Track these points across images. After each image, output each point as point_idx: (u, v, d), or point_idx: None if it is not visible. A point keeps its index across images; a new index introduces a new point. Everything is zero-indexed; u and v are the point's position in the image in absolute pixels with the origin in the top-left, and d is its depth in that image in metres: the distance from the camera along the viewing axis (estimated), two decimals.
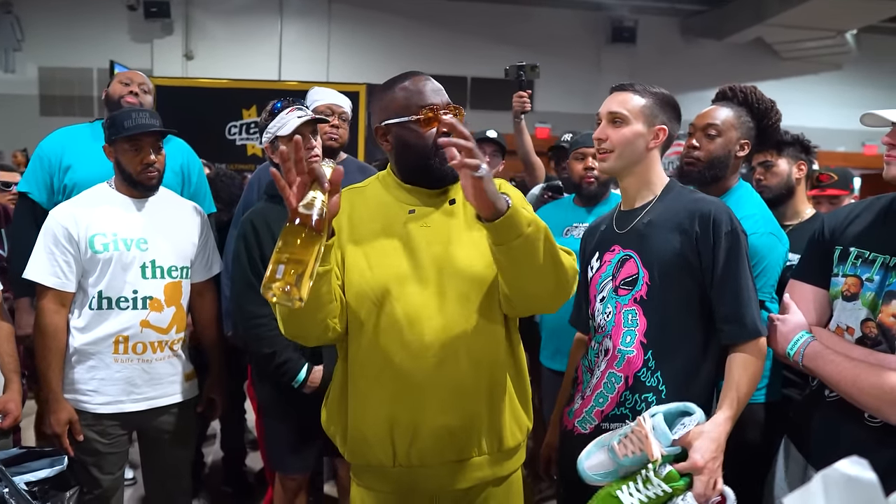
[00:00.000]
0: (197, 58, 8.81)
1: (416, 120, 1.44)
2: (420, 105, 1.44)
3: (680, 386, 1.53)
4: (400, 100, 1.46)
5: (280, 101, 2.13)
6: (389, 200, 1.53)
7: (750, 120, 1.94)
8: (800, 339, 1.48)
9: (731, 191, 1.94)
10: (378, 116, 1.51)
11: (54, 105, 8.44)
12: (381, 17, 8.96)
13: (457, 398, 1.44)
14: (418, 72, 1.51)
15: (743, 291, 1.50)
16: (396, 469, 1.49)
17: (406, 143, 1.47)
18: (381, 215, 1.51)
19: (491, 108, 9.11)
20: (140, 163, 2.03)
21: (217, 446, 3.58)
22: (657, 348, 1.55)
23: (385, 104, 1.49)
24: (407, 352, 1.42)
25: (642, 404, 1.55)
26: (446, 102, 1.47)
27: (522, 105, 2.99)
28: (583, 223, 2.64)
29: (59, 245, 1.98)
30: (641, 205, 1.64)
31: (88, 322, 2.00)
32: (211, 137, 5.57)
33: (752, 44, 9.48)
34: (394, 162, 1.54)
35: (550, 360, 2.68)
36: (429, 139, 1.45)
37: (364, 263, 1.46)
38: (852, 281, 1.43)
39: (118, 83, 2.59)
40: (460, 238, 1.48)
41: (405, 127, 1.45)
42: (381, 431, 1.46)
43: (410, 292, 1.43)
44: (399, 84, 1.48)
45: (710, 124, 1.91)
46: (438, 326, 1.42)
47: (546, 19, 9.12)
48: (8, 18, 8.48)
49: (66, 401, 2.01)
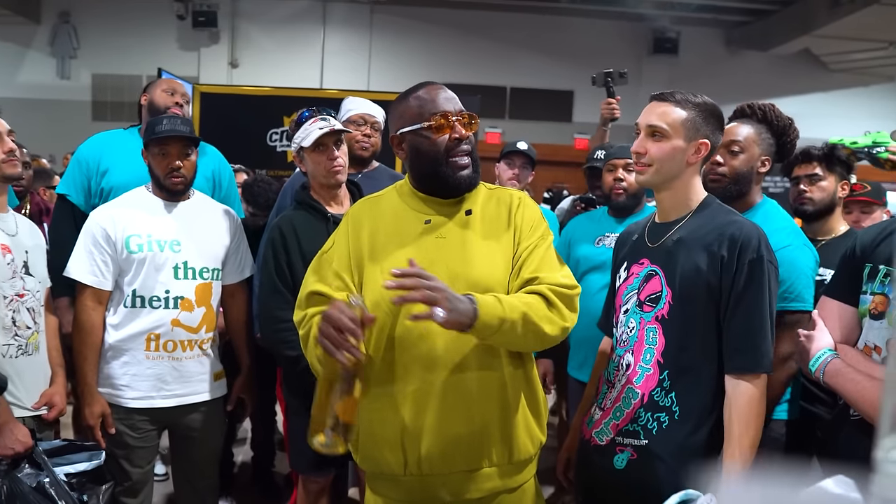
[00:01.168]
0: (241, 66, 9.02)
1: (427, 126, 1.47)
2: (432, 112, 1.47)
3: (694, 410, 1.51)
4: (413, 108, 1.50)
5: (307, 111, 2.16)
6: (405, 210, 1.55)
7: (770, 136, 1.93)
8: (822, 356, 1.46)
9: (757, 206, 1.93)
10: (394, 125, 1.54)
11: (105, 111, 8.75)
12: (421, 27, 9.04)
13: (466, 409, 1.46)
14: (432, 82, 1.54)
15: (753, 322, 1.46)
16: (407, 477, 1.50)
17: (419, 150, 1.50)
18: (396, 225, 1.53)
19: (529, 118, 9.10)
20: (167, 167, 2.10)
21: (247, 447, 3.65)
22: (673, 369, 1.53)
23: (400, 113, 1.53)
24: (418, 362, 1.44)
25: (654, 423, 1.53)
26: (458, 110, 1.49)
27: (611, 113, 2.93)
28: (614, 233, 2.62)
29: (97, 245, 2.06)
30: (675, 219, 1.61)
31: (122, 319, 2.08)
32: (253, 144, 5.68)
33: (798, 55, 9.26)
34: (409, 170, 1.57)
35: (578, 370, 2.66)
36: (440, 146, 1.48)
37: (379, 274, 1.47)
38: (880, 299, 1.41)
39: (162, 92, 2.61)
40: (475, 250, 1.49)
41: (418, 134, 1.49)
42: (391, 439, 1.47)
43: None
44: (413, 93, 1.52)
45: (733, 141, 1.89)
46: (450, 338, 1.43)
47: (586, 30, 9.07)
48: (66, 28, 8.83)
49: (101, 394, 2.08)
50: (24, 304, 1.94)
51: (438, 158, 1.48)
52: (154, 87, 2.64)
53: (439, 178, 1.50)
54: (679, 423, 1.50)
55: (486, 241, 1.51)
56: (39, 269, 2.04)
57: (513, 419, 1.50)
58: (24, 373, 1.93)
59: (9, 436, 1.79)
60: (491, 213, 1.55)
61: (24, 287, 1.95)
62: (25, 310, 1.95)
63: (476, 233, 1.51)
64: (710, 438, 1.50)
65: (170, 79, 2.81)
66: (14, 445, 1.80)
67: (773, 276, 1.50)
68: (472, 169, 1.52)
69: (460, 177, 1.49)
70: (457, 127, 1.48)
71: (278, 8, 8.86)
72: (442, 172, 1.49)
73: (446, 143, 1.47)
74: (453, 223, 1.52)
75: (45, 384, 2.03)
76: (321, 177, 2.11)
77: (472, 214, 1.53)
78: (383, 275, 1.46)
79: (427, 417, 1.45)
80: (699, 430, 1.51)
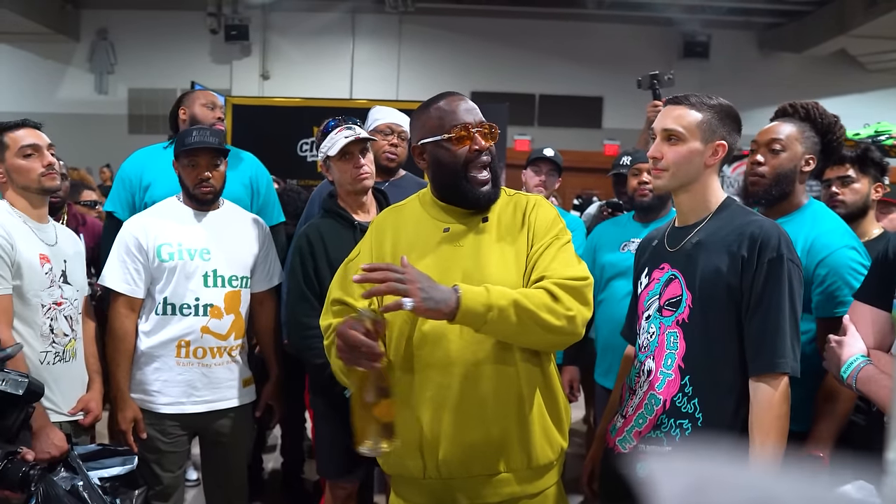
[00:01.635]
0: (273, 77, 9.16)
1: (448, 138, 1.49)
2: (452, 124, 1.49)
3: (717, 416, 1.48)
4: (434, 119, 1.52)
5: (333, 120, 2.18)
6: (425, 218, 1.58)
7: (814, 135, 1.87)
8: (854, 362, 1.42)
9: (804, 208, 1.87)
10: (415, 136, 1.57)
11: (140, 124, 8.97)
12: (449, 37, 9.08)
13: (483, 413, 1.47)
14: (454, 92, 1.57)
15: (773, 322, 1.43)
16: (427, 481, 1.52)
17: (439, 161, 1.53)
18: (417, 233, 1.56)
19: (558, 125, 9.06)
20: (196, 178, 2.15)
21: (277, 453, 3.68)
22: (695, 374, 1.50)
23: (421, 124, 1.56)
24: (435, 368, 1.46)
25: (677, 430, 1.51)
26: (479, 121, 1.51)
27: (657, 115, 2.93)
28: (639, 238, 2.59)
29: (130, 254, 2.12)
30: (694, 222, 1.59)
31: (154, 326, 2.12)
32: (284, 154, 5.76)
33: (834, 56, 9.06)
34: (430, 180, 1.60)
35: (604, 377, 2.63)
36: (460, 157, 1.50)
37: None
38: None
39: (202, 107, 2.62)
40: (490, 255, 1.51)
41: (438, 145, 1.51)
42: (411, 444, 1.49)
43: None
44: (434, 104, 1.54)
45: (774, 139, 1.84)
46: (465, 343, 1.45)
47: (615, 35, 9.01)
48: (104, 44, 9.09)
49: (133, 400, 2.13)
50: (61, 311, 2.00)
51: (458, 171, 1.50)
52: (192, 102, 2.65)
53: (459, 192, 1.53)
54: (703, 429, 1.48)
55: (501, 245, 1.52)
56: (78, 277, 2.10)
57: (531, 424, 1.51)
58: (60, 379, 1.98)
59: (45, 440, 1.84)
60: (507, 218, 1.56)
61: (63, 295, 2.01)
62: (63, 317, 2.00)
63: (491, 238, 1.53)
64: (739, 444, 1.47)
65: (206, 91, 2.81)
66: (50, 449, 1.85)
67: (795, 275, 1.46)
68: (492, 184, 1.53)
69: (480, 192, 1.51)
70: (476, 138, 1.49)
71: (308, 20, 8.99)
72: (462, 186, 1.51)
73: (466, 155, 1.49)
74: (470, 231, 1.54)
75: (81, 390, 2.09)
76: (347, 184, 2.14)
77: (489, 221, 1.55)
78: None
79: (444, 422, 1.47)
80: (723, 436, 1.48)
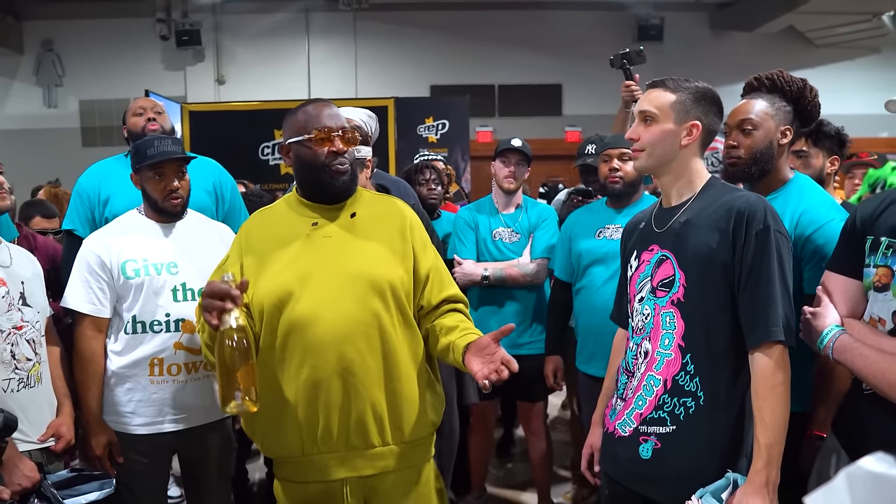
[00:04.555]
0: (228, 82, 8.97)
1: (309, 138, 1.66)
2: (315, 126, 1.66)
3: (720, 394, 1.50)
4: (300, 122, 1.69)
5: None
6: (293, 216, 1.74)
7: (785, 104, 1.86)
8: (829, 333, 1.44)
9: (790, 182, 1.87)
10: (284, 136, 1.73)
11: (94, 136, 8.70)
12: (405, 31, 9.01)
13: (356, 390, 1.60)
14: (321, 99, 1.75)
15: (764, 292, 1.44)
16: (307, 458, 1.64)
17: (302, 160, 1.70)
18: (285, 230, 1.71)
19: (519, 115, 9.08)
20: (164, 189, 2.08)
21: (261, 461, 3.62)
22: (695, 352, 1.51)
23: (289, 125, 1.71)
24: (308, 350, 1.59)
25: (681, 408, 1.52)
26: (339, 126, 1.68)
27: (631, 94, 2.87)
28: (614, 224, 2.62)
29: (93, 273, 2.04)
30: (679, 202, 1.61)
31: (124, 346, 2.05)
32: (245, 159, 5.68)
33: (783, 33, 9.23)
34: (296, 179, 1.76)
35: (586, 364, 2.65)
36: (321, 156, 1.67)
37: (267, 273, 1.64)
38: (883, 271, 1.40)
39: (133, 116, 2.61)
40: (361, 247, 1.68)
41: (302, 144, 1.68)
42: (289, 423, 1.62)
43: (311, 293, 1.61)
44: (301, 109, 1.71)
45: (744, 119, 1.84)
46: (336, 323, 1.59)
47: (570, 22, 9.04)
48: (50, 56, 8.79)
49: (106, 423, 2.06)
50: (22, 336, 1.92)
51: (319, 167, 1.67)
52: (127, 115, 2.65)
53: (320, 184, 1.69)
54: (706, 407, 1.49)
55: (372, 241, 1.69)
56: (38, 299, 2.01)
57: (403, 400, 1.65)
58: (27, 406, 1.90)
59: (15, 471, 1.77)
60: (376, 215, 1.74)
61: (23, 318, 1.93)
62: (25, 342, 1.92)
63: (361, 232, 1.70)
64: (741, 421, 1.48)
65: (137, 98, 2.79)
66: (21, 481, 1.77)
67: (784, 245, 1.48)
68: (349, 175, 1.70)
69: (338, 182, 1.68)
70: (336, 141, 1.66)
71: (260, 21, 8.83)
72: (322, 179, 1.68)
73: (325, 154, 1.66)
74: (338, 225, 1.71)
75: (51, 415, 2.01)
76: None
77: (357, 217, 1.72)
78: (270, 273, 1.64)
79: (321, 400, 1.59)
80: (727, 413, 1.49)
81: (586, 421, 2.48)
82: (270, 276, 1.64)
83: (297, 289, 1.61)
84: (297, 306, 1.60)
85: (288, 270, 1.64)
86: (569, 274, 2.73)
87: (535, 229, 2.97)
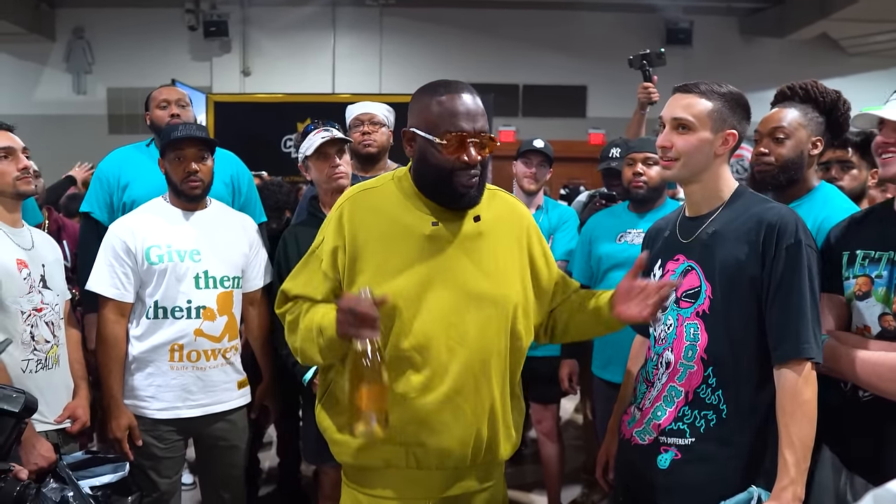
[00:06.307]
0: (254, 74, 9.04)
1: (439, 143, 1.43)
2: (448, 130, 1.43)
3: (742, 407, 1.47)
4: (433, 115, 1.45)
5: (312, 124, 2.25)
6: (409, 208, 1.51)
7: (818, 115, 1.83)
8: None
9: (814, 191, 1.84)
10: (410, 119, 1.50)
11: (121, 124, 8.82)
12: (431, 29, 9.01)
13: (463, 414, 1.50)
14: (460, 85, 1.47)
15: (795, 308, 1.41)
16: (401, 471, 1.53)
17: (426, 159, 1.47)
18: (399, 222, 1.50)
19: (542, 115, 9.04)
20: (183, 171, 2.09)
21: (273, 452, 3.65)
22: (718, 365, 1.49)
23: (418, 111, 1.49)
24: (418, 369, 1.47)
25: (701, 421, 1.50)
26: (478, 129, 1.44)
27: (648, 96, 2.84)
28: (636, 229, 2.59)
29: (117, 258, 2.06)
30: (707, 212, 1.57)
31: (145, 331, 2.07)
32: (268, 151, 5.71)
33: (815, 40, 9.10)
34: (414, 169, 1.53)
35: (602, 370, 2.62)
36: (448, 163, 1.44)
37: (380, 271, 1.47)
38: (863, 280, 1.47)
39: (158, 109, 2.59)
40: (483, 260, 1.51)
41: (430, 143, 1.45)
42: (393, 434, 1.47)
43: (429, 310, 1.46)
44: (438, 95, 1.46)
45: (776, 128, 1.80)
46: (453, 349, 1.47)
47: (597, 24, 8.98)
48: (80, 43, 8.92)
49: (126, 406, 2.08)
50: (42, 318, 1.94)
51: (443, 174, 1.46)
52: (152, 106, 2.62)
53: (441, 193, 1.48)
54: (727, 420, 1.47)
55: (496, 253, 1.53)
56: (57, 282, 2.04)
57: (502, 425, 1.57)
58: (44, 387, 1.92)
59: (31, 451, 1.79)
60: (498, 218, 1.57)
61: (43, 301, 1.95)
62: (44, 324, 1.95)
63: (486, 241, 1.53)
64: (763, 436, 1.46)
65: (162, 89, 2.72)
66: (38, 461, 1.79)
67: (814, 260, 1.46)
68: (477, 189, 1.49)
69: (464, 197, 1.48)
70: (470, 151, 1.43)
71: (288, 15, 8.87)
72: (445, 188, 1.47)
73: (454, 163, 1.44)
74: (461, 229, 1.51)
75: (67, 397, 2.03)
76: (324, 183, 2.23)
77: (481, 221, 1.52)
78: (382, 274, 1.46)
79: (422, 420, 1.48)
80: (749, 427, 1.47)
81: (600, 426, 2.46)
82: (382, 278, 1.45)
83: (414, 301, 1.45)
84: (414, 322, 1.45)
85: (404, 276, 1.46)
86: (587, 277, 2.70)
87: (555, 231, 2.95)
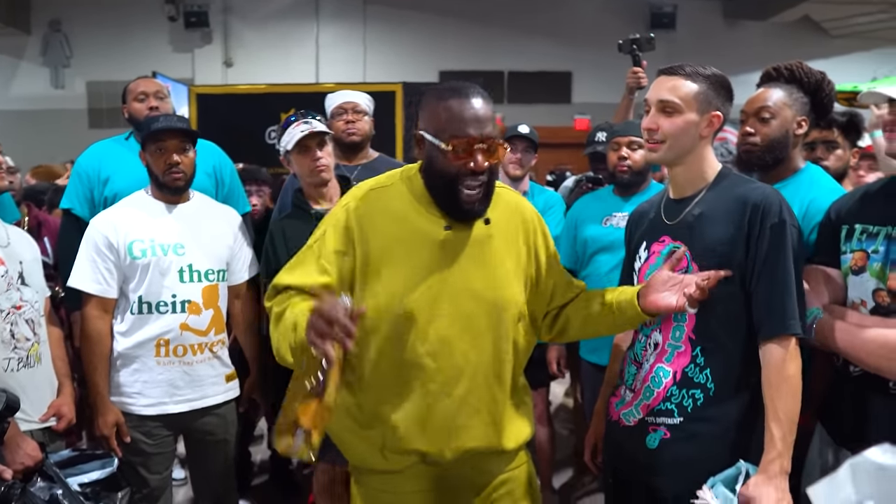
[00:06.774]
0: (236, 65, 8.94)
1: (445, 149, 1.41)
2: (455, 135, 1.40)
3: (729, 385, 1.49)
4: (441, 119, 1.43)
5: (293, 116, 2.21)
6: (420, 211, 1.50)
7: (803, 96, 1.85)
8: (809, 316, 1.48)
9: (800, 172, 1.86)
10: (420, 121, 1.49)
11: (101, 118, 8.69)
12: (415, 16, 8.95)
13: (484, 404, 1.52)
14: (470, 89, 1.44)
15: (780, 285, 1.44)
16: (426, 467, 1.53)
17: (433, 164, 1.47)
18: (411, 225, 1.49)
19: (528, 102, 9.02)
20: (165, 163, 2.06)
21: (265, 445, 3.64)
22: (706, 344, 1.51)
23: (428, 113, 1.47)
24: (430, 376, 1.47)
25: (689, 400, 1.51)
26: (485, 135, 1.41)
27: (637, 81, 2.85)
28: (621, 212, 2.59)
29: (100, 253, 2.03)
30: (692, 194, 1.58)
31: (130, 326, 2.05)
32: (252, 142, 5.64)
33: (798, 23, 9.13)
34: (424, 171, 1.52)
35: (591, 353, 2.63)
36: (454, 168, 1.43)
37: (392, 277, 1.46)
38: (859, 255, 1.49)
39: (135, 101, 2.54)
40: (493, 264, 1.52)
41: (436, 147, 1.43)
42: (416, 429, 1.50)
43: (442, 318, 1.46)
44: (446, 100, 1.44)
45: (762, 107, 1.82)
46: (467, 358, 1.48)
47: (581, 8, 8.96)
48: (57, 37, 8.78)
49: (113, 403, 2.06)
50: (21, 315, 1.91)
51: (447, 180, 1.44)
52: (129, 98, 2.57)
53: (445, 199, 1.47)
54: (715, 399, 1.49)
55: (506, 255, 1.54)
56: (36, 279, 2.01)
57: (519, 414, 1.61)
58: (27, 385, 1.89)
59: (17, 451, 1.77)
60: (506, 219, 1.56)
61: (22, 298, 1.92)
62: (24, 321, 1.92)
63: (496, 244, 1.53)
64: (749, 412, 1.48)
65: (139, 80, 2.65)
66: (24, 460, 1.77)
67: (798, 239, 1.49)
68: (482, 202, 1.47)
69: (465, 208, 1.46)
70: (477, 157, 1.40)
71: (269, 4, 8.78)
72: (448, 196, 1.46)
73: (460, 169, 1.42)
74: (473, 233, 1.50)
75: (51, 395, 2.01)
76: (307, 177, 2.21)
77: (491, 224, 1.52)
78: (394, 280, 1.45)
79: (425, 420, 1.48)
80: (736, 404, 1.49)
81: (589, 409, 2.48)
82: (395, 284, 1.44)
83: (427, 309, 1.44)
84: (429, 328, 1.44)
85: (419, 281, 1.44)
86: (574, 261, 2.71)
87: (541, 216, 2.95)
